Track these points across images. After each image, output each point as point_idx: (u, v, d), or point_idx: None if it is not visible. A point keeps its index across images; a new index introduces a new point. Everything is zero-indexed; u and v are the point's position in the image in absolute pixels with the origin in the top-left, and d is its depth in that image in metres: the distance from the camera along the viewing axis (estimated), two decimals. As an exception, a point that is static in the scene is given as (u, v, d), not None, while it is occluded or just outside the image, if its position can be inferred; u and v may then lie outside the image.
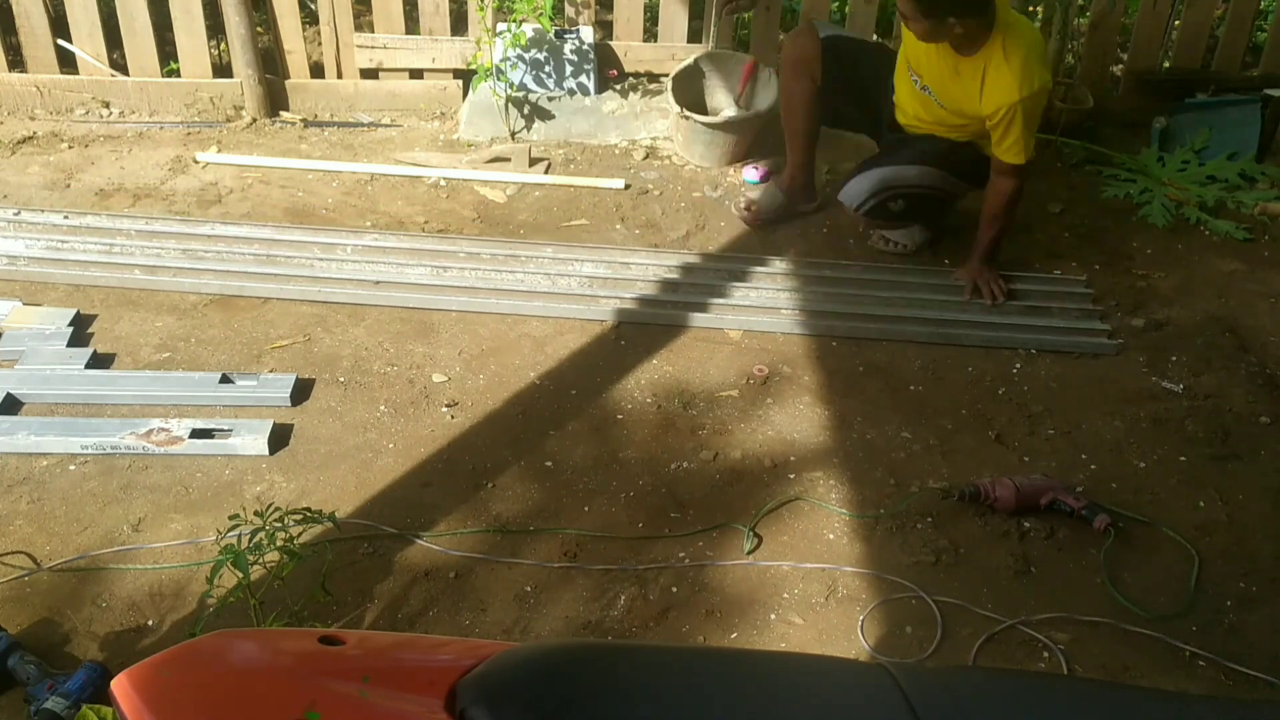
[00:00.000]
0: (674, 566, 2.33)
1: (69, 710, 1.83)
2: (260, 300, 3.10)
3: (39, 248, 3.24)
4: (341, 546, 2.31)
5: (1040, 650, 2.17)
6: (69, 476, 2.47)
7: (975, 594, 2.29)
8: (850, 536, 2.42)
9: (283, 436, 2.61)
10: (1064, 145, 4.09)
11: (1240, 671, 2.13)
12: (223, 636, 1.07)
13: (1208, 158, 3.97)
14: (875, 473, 2.61)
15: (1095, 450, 2.70)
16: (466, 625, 2.17)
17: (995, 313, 3.17)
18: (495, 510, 2.45)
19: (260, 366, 2.85)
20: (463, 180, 3.81)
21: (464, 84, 4.21)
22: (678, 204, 3.75)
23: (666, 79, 3.96)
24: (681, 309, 3.13)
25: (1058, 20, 3.91)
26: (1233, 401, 2.88)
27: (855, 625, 2.20)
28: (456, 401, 2.76)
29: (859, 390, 2.88)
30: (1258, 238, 3.64)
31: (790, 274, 3.32)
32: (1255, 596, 2.32)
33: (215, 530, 2.20)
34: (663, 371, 2.91)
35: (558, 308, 3.12)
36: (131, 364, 2.84)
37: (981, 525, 2.46)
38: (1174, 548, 2.43)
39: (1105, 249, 3.57)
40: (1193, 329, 3.17)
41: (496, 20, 3.98)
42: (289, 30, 4.11)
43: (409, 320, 3.06)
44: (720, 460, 2.62)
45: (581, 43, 4.04)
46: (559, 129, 4.10)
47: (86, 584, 2.21)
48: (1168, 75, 4.31)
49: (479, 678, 0.98)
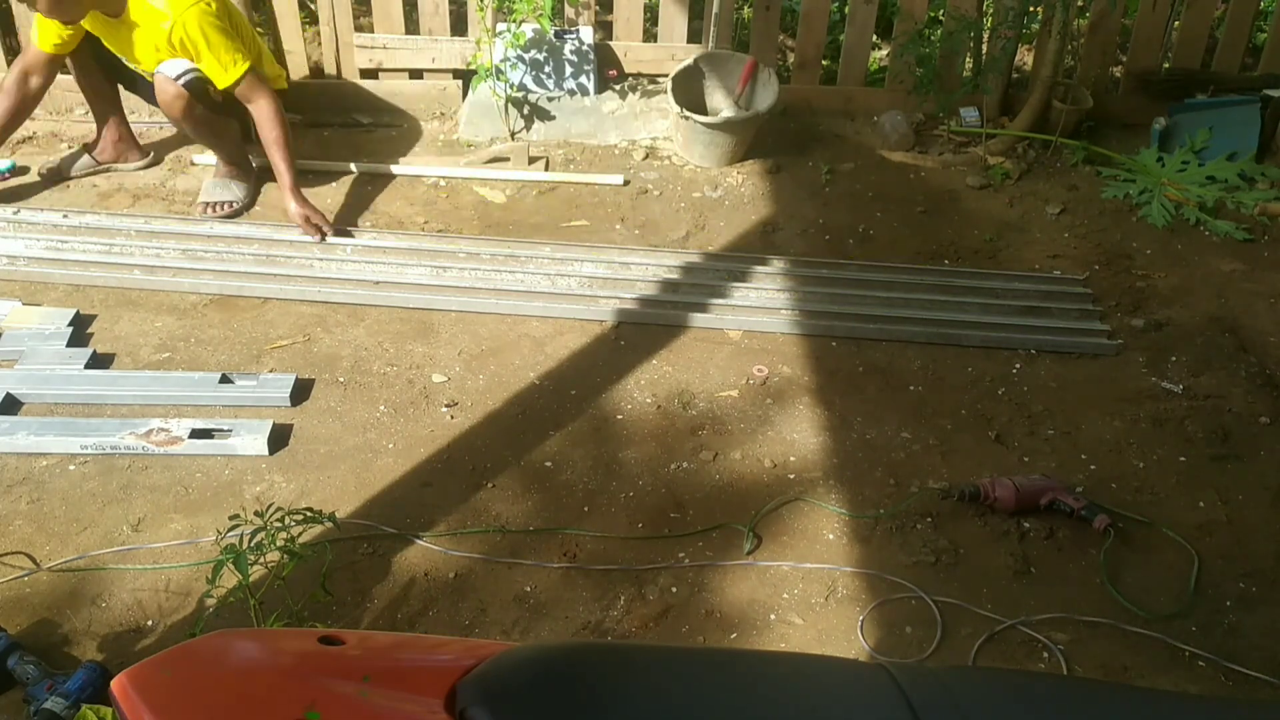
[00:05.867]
0: (673, 567, 2.33)
1: (69, 710, 1.83)
2: (260, 300, 3.10)
3: (39, 248, 3.24)
4: (341, 546, 2.31)
5: (1040, 650, 2.17)
6: (69, 476, 2.47)
7: (975, 594, 2.29)
8: (850, 537, 2.42)
9: (282, 436, 2.61)
10: (1064, 145, 4.09)
11: (1240, 671, 2.13)
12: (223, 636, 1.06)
13: (1207, 158, 3.97)
14: (875, 473, 2.61)
15: (1095, 450, 2.70)
16: (466, 625, 2.17)
17: (995, 313, 3.18)
18: (495, 510, 2.45)
19: (260, 366, 2.85)
20: (462, 180, 3.81)
21: (464, 84, 4.22)
22: (677, 204, 3.75)
23: (666, 79, 3.96)
24: (681, 309, 3.13)
25: (1058, 21, 3.91)
26: (1233, 401, 2.88)
27: (855, 625, 2.20)
28: (456, 401, 2.76)
29: (859, 390, 2.88)
30: (1257, 238, 3.64)
31: (790, 274, 3.32)
32: (1255, 596, 2.32)
33: (215, 530, 2.20)
34: (662, 372, 2.91)
35: (557, 308, 3.12)
36: (131, 364, 2.84)
37: (981, 525, 2.46)
38: (1174, 548, 2.43)
39: (1105, 249, 3.57)
40: (1193, 329, 3.18)
41: (496, 20, 3.98)
42: (289, 30, 4.11)
43: (409, 320, 3.06)
44: (720, 460, 2.62)
45: (581, 43, 4.04)
46: (559, 129, 4.10)
47: (86, 584, 2.21)
48: (1168, 76, 4.31)
49: (479, 678, 0.98)
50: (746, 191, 3.84)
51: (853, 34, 4.23)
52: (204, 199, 3.52)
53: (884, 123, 4.19)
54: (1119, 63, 4.56)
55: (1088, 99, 4.15)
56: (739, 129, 3.90)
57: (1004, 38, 4.10)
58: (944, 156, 4.12)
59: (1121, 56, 4.58)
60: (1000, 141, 4.10)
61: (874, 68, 4.61)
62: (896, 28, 4.22)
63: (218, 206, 3.50)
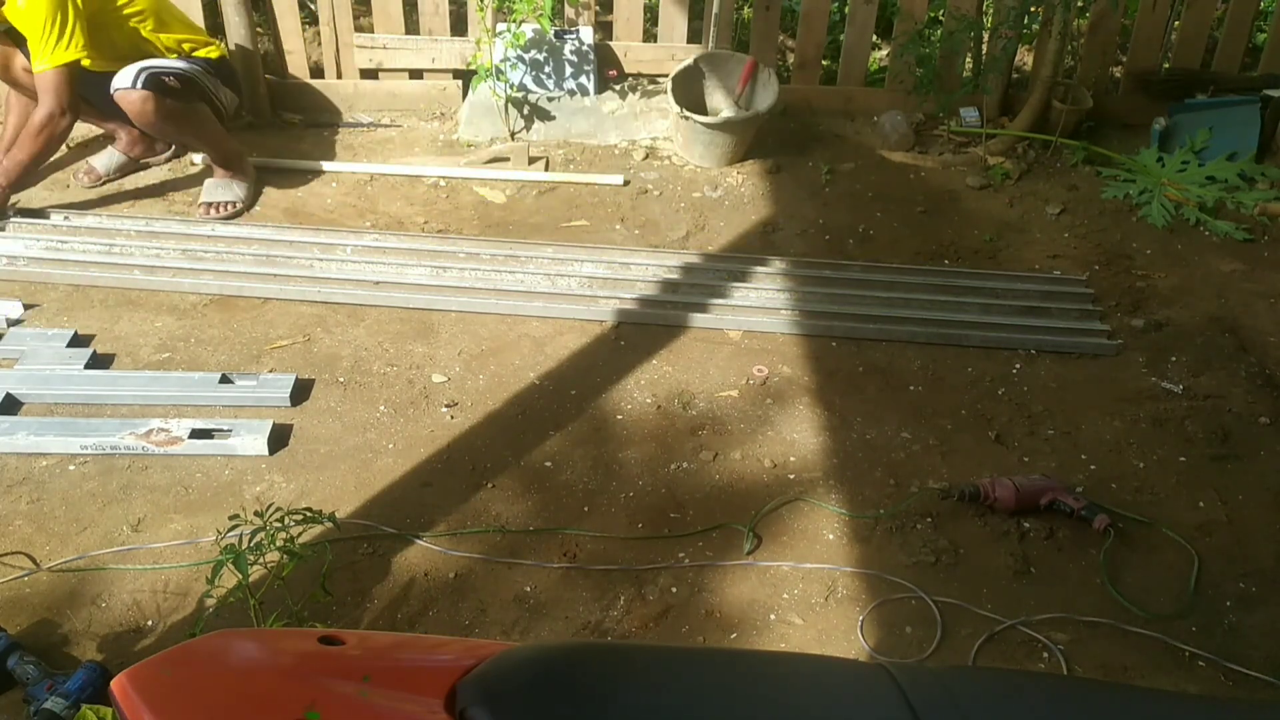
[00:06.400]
0: (673, 567, 2.33)
1: (69, 710, 1.83)
2: (260, 300, 3.10)
3: (39, 248, 3.24)
4: (341, 546, 2.31)
5: (1040, 650, 2.17)
6: (69, 477, 2.47)
7: (975, 594, 2.29)
8: (850, 537, 2.42)
9: (282, 437, 2.61)
10: (1064, 146, 4.09)
11: (1240, 671, 2.13)
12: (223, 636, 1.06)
13: (1207, 158, 3.97)
14: (875, 473, 2.61)
15: (1095, 450, 2.70)
16: (466, 625, 2.17)
17: (995, 313, 3.18)
18: (495, 510, 2.45)
19: (260, 366, 2.85)
20: (462, 180, 3.81)
21: (464, 84, 4.22)
22: (677, 204, 3.75)
23: (666, 79, 3.96)
24: (681, 309, 3.13)
25: (1058, 21, 3.91)
26: (1233, 401, 2.88)
27: (855, 625, 2.20)
28: (456, 402, 2.76)
29: (859, 390, 2.88)
30: (1257, 238, 3.64)
31: (790, 274, 3.32)
32: (1255, 596, 2.32)
33: (215, 530, 2.20)
34: (662, 372, 2.91)
35: (557, 308, 3.12)
36: (131, 364, 2.84)
37: (981, 525, 2.46)
38: (1174, 548, 2.43)
39: (1105, 249, 3.57)
40: (1193, 329, 3.17)
41: (496, 20, 3.98)
42: (289, 30, 4.11)
43: (409, 320, 3.06)
44: (720, 460, 2.62)
45: (581, 43, 4.04)
46: (559, 129, 4.10)
47: (86, 584, 2.21)
48: (1167, 76, 4.31)
49: (479, 678, 0.98)
50: (746, 191, 3.84)
51: (853, 34, 4.23)
52: (205, 199, 3.52)
53: (884, 123, 4.19)
54: (1119, 63, 4.56)
55: (1088, 99, 4.15)
56: (739, 129, 3.90)
57: (1004, 38, 4.10)
58: (944, 156, 4.12)
59: (1121, 56, 4.58)
60: (1000, 141, 4.10)
61: (874, 68, 4.61)
62: (896, 28, 4.23)
63: (219, 207, 3.50)
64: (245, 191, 3.56)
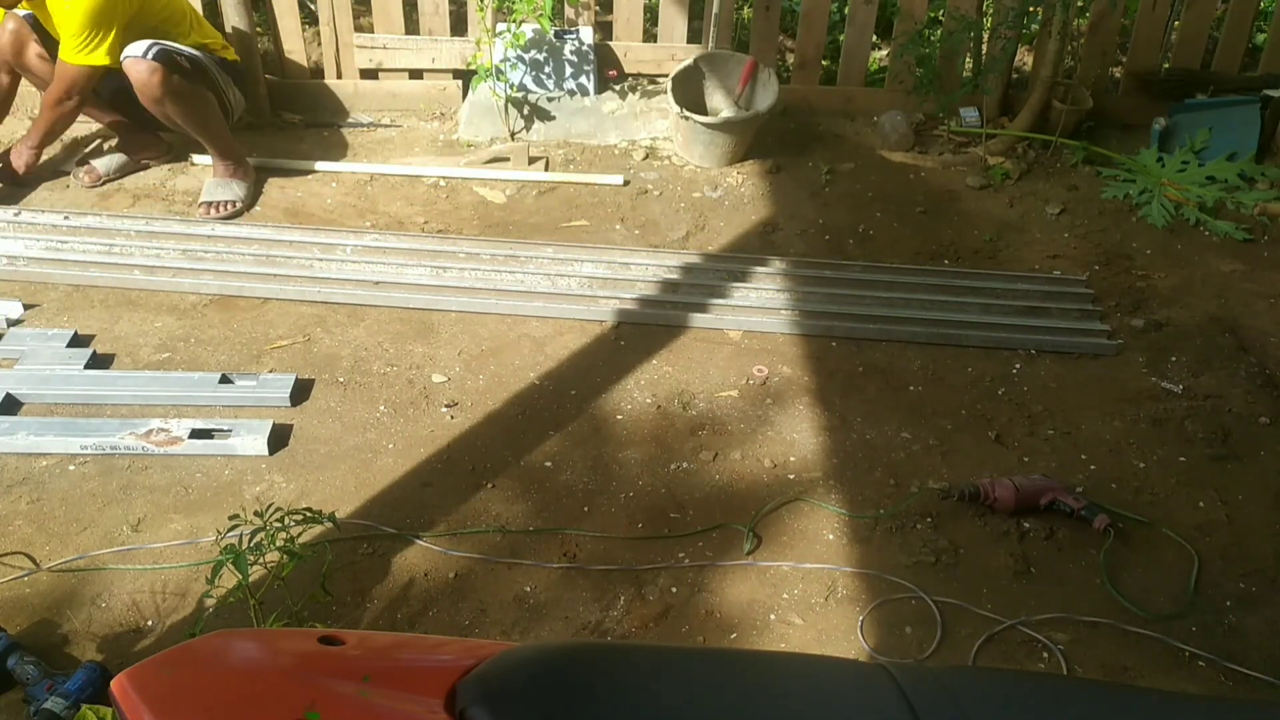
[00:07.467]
0: (673, 567, 2.33)
1: (68, 710, 1.83)
2: (260, 300, 3.10)
3: (39, 248, 3.24)
4: (341, 546, 2.31)
5: (1040, 650, 2.17)
6: (68, 477, 2.47)
7: (975, 594, 2.29)
8: (850, 537, 2.42)
9: (282, 437, 2.61)
10: (1064, 146, 4.09)
11: (1240, 671, 2.13)
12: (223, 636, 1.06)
13: (1207, 158, 3.97)
14: (875, 473, 2.61)
15: (1095, 450, 2.70)
16: (466, 625, 2.17)
17: (995, 313, 3.18)
18: (495, 510, 2.45)
19: (260, 367, 2.85)
20: (462, 180, 3.81)
21: (464, 84, 4.22)
22: (677, 204, 3.75)
23: (666, 79, 3.96)
24: (681, 309, 3.12)
25: (1058, 21, 3.91)
26: (1232, 401, 2.88)
27: (855, 625, 2.20)
28: (456, 402, 2.76)
29: (858, 391, 2.88)
30: (1257, 238, 3.64)
31: (790, 274, 3.32)
32: (1255, 596, 2.32)
33: (215, 530, 2.20)
34: (662, 372, 2.91)
35: (557, 308, 3.12)
36: (131, 364, 2.84)
37: (981, 525, 2.46)
38: (1174, 548, 2.43)
39: (1105, 249, 3.57)
40: (1192, 329, 3.17)
41: (496, 21, 3.98)
42: (289, 30, 4.11)
43: (409, 320, 3.06)
44: (720, 460, 2.62)
45: (581, 43, 4.04)
46: (559, 129, 4.10)
47: (86, 584, 2.21)
48: (1167, 76, 4.31)
49: (479, 678, 0.98)
50: (746, 192, 3.84)
51: (853, 34, 4.23)
52: (205, 199, 3.52)
53: (884, 123, 4.19)
54: (1119, 63, 4.56)
55: (1088, 99, 4.15)
56: (739, 129, 3.90)
57: (1004, 38, 4.10)
58: (944, 156, 4.12)
59: (1121, 56, 4.58)
60: (1000, 141, 4.10)
61: (874, 68, 4.61)
62: (896, 28, 4.23)
63: (219, 206, 3.50)
64: (245, 191, 3.56)
